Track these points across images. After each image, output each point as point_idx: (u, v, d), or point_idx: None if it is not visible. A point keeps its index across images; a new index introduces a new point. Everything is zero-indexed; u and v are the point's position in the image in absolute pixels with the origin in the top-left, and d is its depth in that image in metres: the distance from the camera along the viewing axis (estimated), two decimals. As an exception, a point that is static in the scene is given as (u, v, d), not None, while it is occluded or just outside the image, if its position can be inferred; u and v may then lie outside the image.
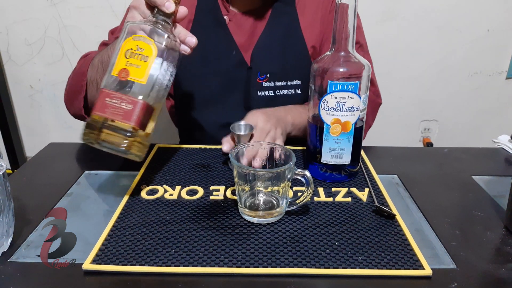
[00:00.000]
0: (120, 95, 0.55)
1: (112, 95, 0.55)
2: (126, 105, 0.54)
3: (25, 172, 0.75)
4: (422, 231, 0.57)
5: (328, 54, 0.64)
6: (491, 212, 0.61)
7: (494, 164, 0.80)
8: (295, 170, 0.55)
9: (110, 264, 0.48)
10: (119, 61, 0.56)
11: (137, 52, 0.55)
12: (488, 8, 1.56)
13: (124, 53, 0.56)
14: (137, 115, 0.55)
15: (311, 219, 0.58)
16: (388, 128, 1.73)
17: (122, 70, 0.55)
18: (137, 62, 0.55)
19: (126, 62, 0.55)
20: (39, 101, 1.74)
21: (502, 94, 1.73)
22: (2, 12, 1.58)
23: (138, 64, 0.55)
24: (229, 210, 0.60)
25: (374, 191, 0.65)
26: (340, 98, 0.62)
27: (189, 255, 0.50)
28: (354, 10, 0.60)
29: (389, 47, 1.61)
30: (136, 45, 0.56)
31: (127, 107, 0.54)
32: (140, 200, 0.62)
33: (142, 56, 0.55)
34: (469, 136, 1.80)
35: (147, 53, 0.55)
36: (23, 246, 0.53)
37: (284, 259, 0.49)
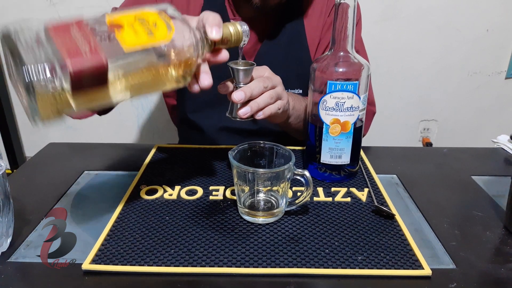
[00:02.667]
0: (92, 37, 0.42)
1: (83, 30, 0.42)
2: (84, 48, 0.41)
3: (25, 172, 0.75)
4: (421, 231, 0.57)
5: (327, 54, 0.64)
6: (490, 212, 0.61)
7: (493, 164, 0.80)
8: (295, 170, 0.55)
9: (109, 264, 0.48)
10: (123, 17, 0.46)
11: (148, 25, 0.46)
12: (487, 8, 1.56)
13: (136, 16, 0.46)
14: (84, 65, 0.40)
15: (310, 219, 0.58)
16: (388, 128, 1.73)
17: (117, 25, 0.44)
18: (140, 30, 0.45)
19: (129, 22, 0.45)
20: (39, 101, 1.73)
21: (501, 94, 1.73)
22: (2, 12, 1.57)
23: (139, 31, 0.45)
24: (229, 210, 0.60)
25: (373, 191, 0.65)
26: (340, 98, 0.62)
27: (189, 255, 0.50)
28: (353, 10, 0.60)
29: (388, 47, 1.61)
30: (154, 21, 0.46)
31: (83, 49, 0.41)
32: (140, 200, 0.62)
33: (149, 30, 0.45)
34: (468, 136, 1.80)
35: (158, 33, 0.45)
36: (23, 246, 0.53)
37: (284, 259, 0.49)
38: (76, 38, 0.41)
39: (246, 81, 0.60)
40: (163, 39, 0.45)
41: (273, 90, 0.64)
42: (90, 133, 1.72)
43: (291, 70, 0.87)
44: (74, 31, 0.42)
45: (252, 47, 0.87)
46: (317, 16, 0.88)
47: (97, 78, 0.42)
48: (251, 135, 0.89)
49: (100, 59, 0.41)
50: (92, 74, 0.41)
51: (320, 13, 0.88)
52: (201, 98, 0.89)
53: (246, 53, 0.86)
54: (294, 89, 0.88)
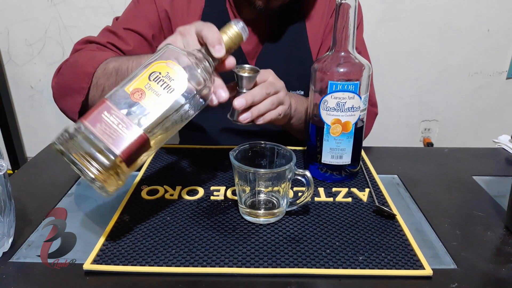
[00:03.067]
0: (123, 116, 0.46)
1: (112, 111, 0.46)
2: (123, 130, 0.45)
3: (26, 172, 0.75)
4: (422, 231, 0.57)
5: (328, 54, 0.64)
6: (491, 212, 0.61)
7: (494, 164, 0.80)
8: (296, 170, 0.55)
9: (110, 264, 0.48)
10: (139, 79, 0.48)
11: (164, 80, 0.48)
12: (488, 8, 1.56)
13: (150, 74, 0.48)
14: (129, 146, 0.46)
15: (311, 219, 0.58)
16: (389, 128, 1.74)
17: (138, 90, 0.47)
18: (160, 89, 0.47)
19: (146, 84, 0.47)
20: (40, 101, 1.74)
21: (502, 94, 1.73)
22: (3, 12, 1.58)
23: (160, 92, 0.47)
24: (230, 211, 0.60)
25: (374, 191, 0.65)
26: (341, 98, 0.62)
27: (190, 255, 0.50)
28: (354, 10, 0.60)
29: (390, 47, 1.61)
30: (167, 72, 0.48)
31: (123, 132, 0.45)
32: (141, 200, 0.62)
33: (168, 86, 0.48)
34: (469, 136, 1.80)
35: (176, 85, 0.48)
36: (24, 246, 0.53)
37: (285, 259, 0.49)
38: (111, 122, 0.46)
39: (249, 87, 0.61)
40: (182, 89, 0.48)
41: (275, 96, 0.64)
42: (91, 134, 1.72)
43: (293, 71, 0.86)
44: (105, 116, 0.46)
45: (253, 49, 0.87)
46: (319, 18, 0.87)
47: (143, 147, 0.47)
48: (252, 136, 0.89)
49: (139, 133, 0.46)
50: (138, 148, 0.46)
51: (322, 15, 0.88)
52: None
53: (248, 55, 0.86)
54: (296, 90, 0.87)
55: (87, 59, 0.73)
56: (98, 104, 0.47)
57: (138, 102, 0.47)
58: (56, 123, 1.77)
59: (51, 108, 1.74)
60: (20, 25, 1.60)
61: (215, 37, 0.53)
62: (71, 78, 0.73)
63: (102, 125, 0.46)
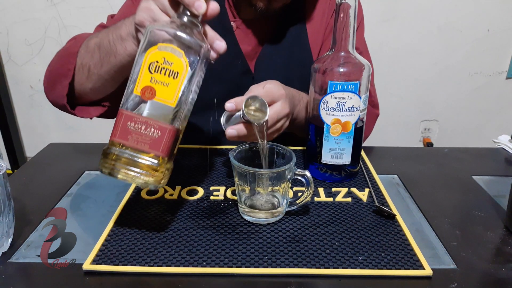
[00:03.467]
0: (145, 119, 0.46)
1: (135, 119, 0.46)
2: (153, 132, 0.46)
3: (25, 172, 0.75)
4: (422, 231, 0.57)
5: (328, 54, 0.64)
6: (491, 212, 0.61)
7: (494, 164, 0.80)
8: (295, 170, 0.55)
9: (110, 265, 0.48)
10: (142, 76, 0.47)
11: (164, 66, 0.46)
12: (488, 8, 1.56)
13: (148, 66, 0.46)
14: (166, 143, 0.47)
15: (311, 219, 0.58)
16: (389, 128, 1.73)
17: (146, 88, 0.46)
18: (165, 79, 0.46)
19: (150, 78, 0.46)
20: (39, 101, 1.74)
21: (502, 94, 1.73)
22: (3, 12, 1.58)
23: (166, 81, 0.46)
24: (229, 210, 0.60)
25: (374, 191, 0.65)
26: (340, 98, 0.62)
27: (189, 255, 0.50)
28: (354, 10, 0.60)
29: (390, 47, 1.61)
30: (163, 57, 0.46)
31: (154, 134, 0.46)
32: (140, 200, 0.62)
33: (170, 71, 0.46)
34: (469, 136, 1.80)
35: (177, 68, 0.46)
36: (23, 247, 0.53)
37: (284, 259, 0.49)
38: (138, 129, 0.47)
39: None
40: (185, 66, 0.47)
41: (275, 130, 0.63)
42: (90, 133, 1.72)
43: (293, 72, 0.86)
44: (131, 126, 0.47)
45: (253, 50, 0.86)
46: (319, 18, 0.87)
47: (175, 138, 0.48)
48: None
49: (168, 128, 0.47)
50: (172, 140, 0.48)
51: (323, 15, 0.87)
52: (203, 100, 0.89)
53: (247, 56, 0.85)
54: None
55: (71, 44, 0.72)
56: (117, 118, 0.48)
57: (152, 99, 0.47)
58: (55, 123, 1.77)
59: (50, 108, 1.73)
60: (20, 25, 1.60)
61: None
62: (57, 65, 0.72)
63: (132, 136, 0.47)
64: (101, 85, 0.69)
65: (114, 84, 0.70)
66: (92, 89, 0.71)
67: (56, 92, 0.72)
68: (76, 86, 0.70)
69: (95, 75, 0.67)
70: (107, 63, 0.65)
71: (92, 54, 0.66)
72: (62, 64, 0.70)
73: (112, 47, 0.62)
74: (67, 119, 1.76)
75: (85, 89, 0.71)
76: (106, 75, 0.67)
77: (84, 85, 0.70)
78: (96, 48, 0.65)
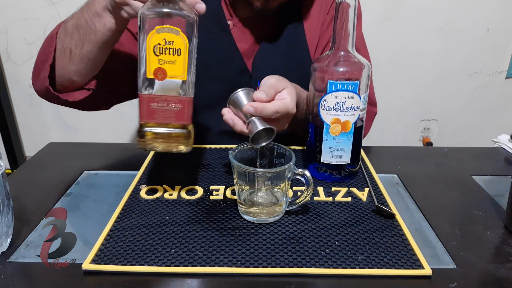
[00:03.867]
0: (164, 97, 0.52)
1: (156, 99, 0.52)
2: (174, 106, 0.53)
3: (25, 172, 0.75)
4: (422, 231, 0.57)
5: (328, 54, 0.64)
6: (491, 211, 0.61)
7: (494, 163, 0.80)
8: (295, 170, 0.55)
9: (109, 264, 0.48)
10: (150, 60, 0.51)
11: (167, 47, 0.51)
12: (488, 7, 1.56)
13: (153, 49, 0.51)
14: (187, 112, 0.54)
15: (310, 219, 0.58)
16: (388, 127, 1.73)
17: (157, 70, 0.52)
18: (171, 58, 0.51)
19: (158, 60, 0.51)
20: (39, 100, 1.72)
21: (502, 94, 1.73)
22: (1, 11, 1.57)
23: (172, 59, 0.51)
24: (229, 210, 0.60)
25: (374, 191, 0.65)
26: (340, 98, 0.62)
27: (189, 255, 0.50)
28: (354, 10, 0.60)
29: (389, 47, 1.61)
30: (163, 38, 0.50)
31: (176, 107, 0.53)
32: (140, 200, 0.62)
33: (174, 49, 0.51)
34: (469, 136, 1.80)
35: (178, 45, 0.51)
36: (23, 246, 0.53)
37: (284, 259, 0.49)
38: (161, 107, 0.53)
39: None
40: (185, 41, 0.51)
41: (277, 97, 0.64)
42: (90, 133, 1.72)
43: (291, 71, 0.86)
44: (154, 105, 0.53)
45: (250, 48, 0.86)
46: (316, 15, 0.87)
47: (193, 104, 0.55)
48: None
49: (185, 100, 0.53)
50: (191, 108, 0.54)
51: (319, 11, 0.87)
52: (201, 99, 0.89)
53: (245, 54, 0.85)
54: None
55: (53, 30, 0.71)
56: (140, 102, 0.53)
57: (165, 78, 0.52)
58: (55, 122, 1.77)
59: (50, 107, 1.74)
60: (19, 24, 1.60)
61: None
62: (39, 52, 0.72)
63: (158, 114, 0.53)
64: (85, 65, 0.68)
65: (98, 63, 0.69)
66: (76, 72, 0.69)
67: (40, 78, 0.71)
68: (59, 71, 0.70)
69: (77, 56, 0.66)
70: (87, 41, 0.64)
71: (71, 35, 0.65)
72: (43, 49, 0.70)
73: (90, 25, 0.62)
74: (66, 118, 1.76)
75: (69, 73, 0.69)
76: (89, 54, 0.66)
77: (67, 68, 0.69)
78: (74, 29, 0.65)
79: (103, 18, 0.61)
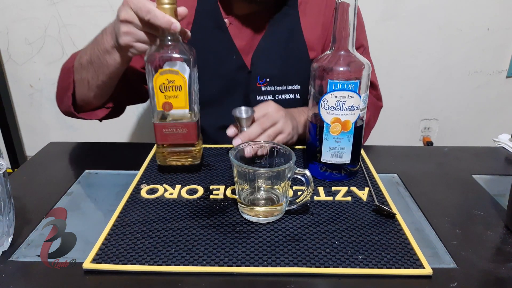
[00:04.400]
0: (173, 124, 0.65)
1: (166, 126, 0.65)
2: (182, 130, 0.65)
3: (25, 171, 0.75)
4: (422, 230, 0.57)
5: (328, 53, 0.64)
6: (491, 211, 0.61)
7: (494, 163, 0.80)
8: (295, 169, 0.55)
9: (110, 264, 0.48)
10: (158, 97, 0.63)
11: (170, 85, 0.62)
12: (488, 7, 1.56)
13: (159, 88, 0.62)
14: (193, 134, 0.66)
15: (311, 218, 0.58)
16: (388, 127, 1.73)
17: (164, 104, 0.63)
18: (173, 93, 0.62)
19: (164, 96, 0.62)
20: (39, 100, 1.74)
21: (502, 93, 1.73)
22: (2, 11, 1.57)
23: (175, 94, 0.62)
24: (229, 209, 0.60)
25: (374, 190, 0.65)
26: (340, 97, 0.62)
27: (189, 254, 0.50)
28: (354, 9, 0.60)
29: (389, 46, 1.61)
30: (166, 79, 0.61)
31: (183, 131, 0.65)
32: (140, 199, 0.62)
33: (175, 87, 0.62)
34: (469, 135, 1.79)
35: (179, 82, 0.62)
36: (24, 245, 0.53)
37: (284, 259, 0.49)
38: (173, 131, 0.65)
39: (248, 125, 0.72)
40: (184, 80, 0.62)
41: (271, 129, 0.72)
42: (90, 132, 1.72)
43: (289, 66, 0.86)
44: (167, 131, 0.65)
45: (247, 44, 0.86)
46: (314, 11, 0.88)
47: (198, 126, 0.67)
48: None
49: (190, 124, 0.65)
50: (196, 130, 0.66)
51: (318, 7, 0.88)
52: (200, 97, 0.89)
53: (242, 50, 0.86)
54: (293, 85, 0.87)
55: (67, 60, 0.82)
56: (154, 128, 0.65)
57: (171, 110, 0.64)
58: (55, 122, 1.77)
59: (50, 107, 1.74)
60: (20, 24, 1.60)
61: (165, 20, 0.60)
62: (60, 80, 0.82)
63: (169, 137, 0.66)
64: (101, 91, 0.79)
65: (112, 88, 0.80)
66: (95, 97, 0.80)
67: (64, 104, 0.81)
68: (80, 97, 0.80)
69: (94, 85, 0.77)
70: (102, 74, 0.74)
71: (87, 69, 0.75)
72: (63, 79, 0.80)
73: (102, 61, 0.72)
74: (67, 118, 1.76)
75: (89, 98, 0.80)
76: (103, 83, 0.77)
77: (87, 95, 0.79)
78: (88, 63, 0.74)
79: (112, 54, 0.70)
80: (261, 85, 0.87)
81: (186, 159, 0.68)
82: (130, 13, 0.63)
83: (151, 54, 0.62)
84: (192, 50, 0.64)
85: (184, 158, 0.68)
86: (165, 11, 0.60)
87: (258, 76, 0.86)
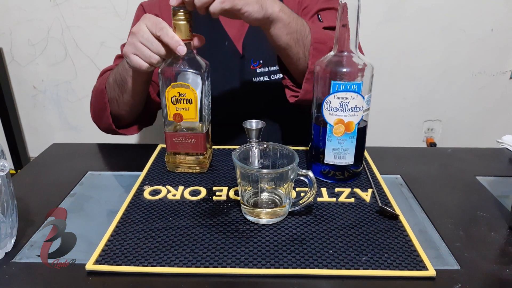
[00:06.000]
0: (183, 134, 0.68)
1: (176, 135, 0.68)
2: (191, 140, 0.68)
3: (29, 172, 0.75)
4: (425, 232, 0.57)
5: (331, 54, 0.64)
6: (495, 212, 0.61)
7: (498, 164, 0.80)
8: (298, 171, 0.55)
9: (113, 265, 0.48)
10: (169, 108, 0.66)
11: (181, 98, 0.65)
12: (492, 7, 1.56)
13: (170, 100, 0.65)
14: (202, 144, 0.68)
15: (314, 219, 0.58)
16: (392, 128, 1.73)
17: (175, 115, 0.66)
18: (184, 106, 0.65)
19: (175, 108, 0.65)
20: (42, 101, 1.74)
21: (506, 94, 1.72)
22: (6, 12, 1.58)
23: (186, 107, 0.65)
24: (232, 211, 0.60)
25: (377, 192, 0.65)
26: (343, 98, 0.62)
27: (192, 255, 0.50)
28: (357, 10, 0.59)
29: (393, 47, 1.61)
30: (178, 92, 0.64)
31: (192, 141, 0.68)
32: (143, 200, 0.62)
33: (186, 100, 0.65)
34: (472, 136, 1.79)
35: (189, 95, 0.64)
36: (27, 247, 0.53)
37: (287, 260, 0.49)
38: (182, 140, 0.68)
39: (257, 136, 0.68)
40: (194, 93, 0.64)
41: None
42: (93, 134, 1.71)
43: None
44: (176, 139, 0.68)
45: (238, 31, 0.90)
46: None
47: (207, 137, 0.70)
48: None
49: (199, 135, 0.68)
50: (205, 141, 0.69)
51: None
52: None
53: (234, 38, 0.89)
54: None
55: (99, 81, 0.86)
56: (165, 137, 0.69)
57: (181, 121, 0.67)
58: (58, 123, 1.77)
59: (53, 108, 1.75)
60: (23, 25, 1.60)
61: (174, 40, 0.62)
62: (95, 102, 0.86)
63: (179, 145, 0.69)
64: (130, 107, 0.83)
65: (138, 103, 0.83)
66: (127, 112, 0.84)
67: (104, 123, 0.85)
68: (114, 114, 0.84)
69: (122, 103, 0.81)
70: (124, 91, 0.78)
71: (114, 88, 0.79)
72: (98, 100, 0.84)
73: (123, 79, 0.76)
74: (70, 119, 1.76)
75: (121, 114, 0.84)
76: (128, 100, 0.80)
77: (119, 112, 0.83)
78: (114, 84, 0.79)
79: (129, 71, 0.74)
80: (255, 68, 0.90)
81: (195, 167, 0.70)
82: (140, 26, 0.65)
83: (165, 67, 0.64)
84: (206, 64, 0.66)
85: (193, 166, 0.70)
86: (180, 27, 0.62)
87: (251, 59, 0.90)
